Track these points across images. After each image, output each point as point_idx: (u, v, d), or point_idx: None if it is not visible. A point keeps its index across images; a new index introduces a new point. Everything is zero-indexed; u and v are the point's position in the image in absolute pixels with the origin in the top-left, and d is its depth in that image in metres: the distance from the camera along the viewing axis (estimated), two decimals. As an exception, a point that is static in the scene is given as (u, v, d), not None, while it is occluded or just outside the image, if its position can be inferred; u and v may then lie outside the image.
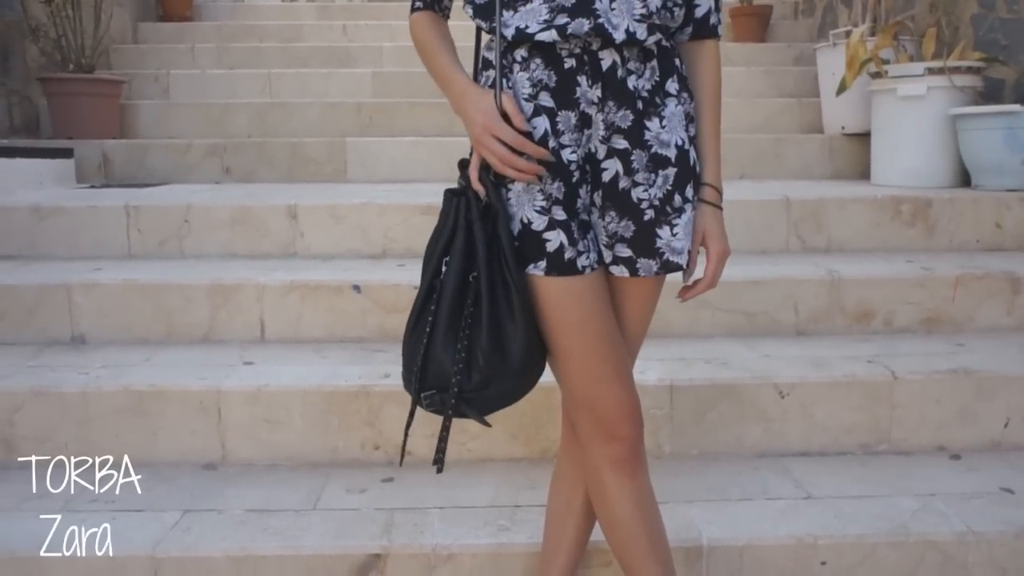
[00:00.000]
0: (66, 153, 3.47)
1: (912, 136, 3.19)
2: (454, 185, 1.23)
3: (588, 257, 1.21)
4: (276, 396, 1.92)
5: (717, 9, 1.29)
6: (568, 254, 1.19)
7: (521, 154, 1.16)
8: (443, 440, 1.23)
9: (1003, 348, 2.19)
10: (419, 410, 1.25)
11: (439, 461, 1.23)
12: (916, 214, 2.73)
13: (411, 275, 2.30)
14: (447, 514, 1.69)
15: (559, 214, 1.19)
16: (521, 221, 1.19)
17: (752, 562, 1.59)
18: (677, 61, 1.25)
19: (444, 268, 1.19)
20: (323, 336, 2.27)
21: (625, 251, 1.23)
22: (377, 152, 3.57)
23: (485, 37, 1.28)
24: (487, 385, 1.19)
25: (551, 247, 1.18)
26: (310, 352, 2.18)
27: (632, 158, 1.20)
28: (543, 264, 1.19)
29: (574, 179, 1.20)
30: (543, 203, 1.19)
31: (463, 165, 1.23)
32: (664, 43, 1.22)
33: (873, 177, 3.40)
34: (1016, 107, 2.86)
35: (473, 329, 1.18)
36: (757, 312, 2.32)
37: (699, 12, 1.27)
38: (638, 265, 1.24)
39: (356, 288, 2.26)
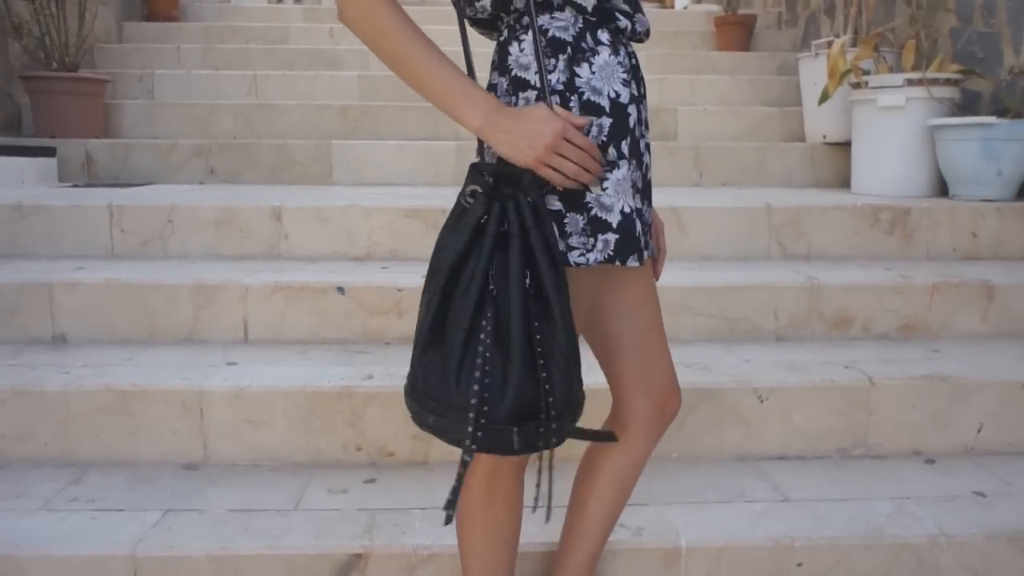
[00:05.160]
0: (48, 152, 3.45)
1: (891, 146, 3.24)
2: (461, 188, 1.11)
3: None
4: (259, 396, 1.92)
5: None
6: (642, 241, 1.15)
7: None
8: (549, 483, 1.09)
9: (978, 354, 2.23)
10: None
11: (547, 508, 1.11)
12: (895, 222, 2.77)
13: (395, 277, 2.31)
14: (429, 515, 1.69)
15: (637, 201, 1.14)
16: (621, 211, 1.09)
17: (730, 563, 1.61)
18: None
19: (491, 280, 1.03)
20: (307, 337, 2.28)
21: None
22: (362, 155, 3.57)
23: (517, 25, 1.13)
24: (576, 395, 1.06)
25: (639, 233, 1.12)
26: (293, 353, 2.18)
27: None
28: (638, 254, 1.12)
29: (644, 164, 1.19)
30: (632, 190, 1.13)
31: (481, 170, 1.07)
32: None
33: (853, 186, 3.44)
34: (992, 119, 2.92)
35: (544, 341, 1.03)
36: (738, 318, 2.35)
37: None
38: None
39: (340, 290, 2.27)
